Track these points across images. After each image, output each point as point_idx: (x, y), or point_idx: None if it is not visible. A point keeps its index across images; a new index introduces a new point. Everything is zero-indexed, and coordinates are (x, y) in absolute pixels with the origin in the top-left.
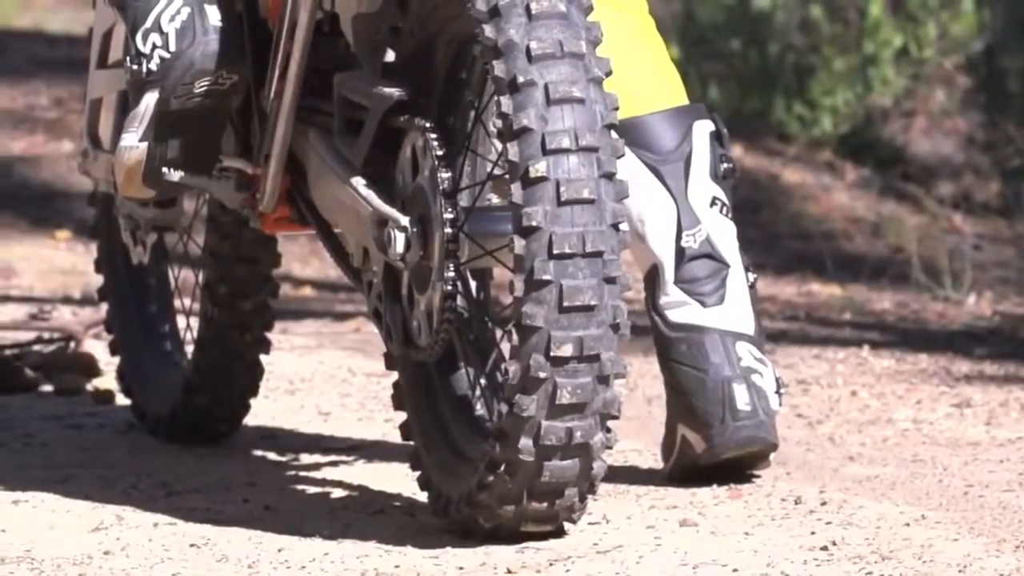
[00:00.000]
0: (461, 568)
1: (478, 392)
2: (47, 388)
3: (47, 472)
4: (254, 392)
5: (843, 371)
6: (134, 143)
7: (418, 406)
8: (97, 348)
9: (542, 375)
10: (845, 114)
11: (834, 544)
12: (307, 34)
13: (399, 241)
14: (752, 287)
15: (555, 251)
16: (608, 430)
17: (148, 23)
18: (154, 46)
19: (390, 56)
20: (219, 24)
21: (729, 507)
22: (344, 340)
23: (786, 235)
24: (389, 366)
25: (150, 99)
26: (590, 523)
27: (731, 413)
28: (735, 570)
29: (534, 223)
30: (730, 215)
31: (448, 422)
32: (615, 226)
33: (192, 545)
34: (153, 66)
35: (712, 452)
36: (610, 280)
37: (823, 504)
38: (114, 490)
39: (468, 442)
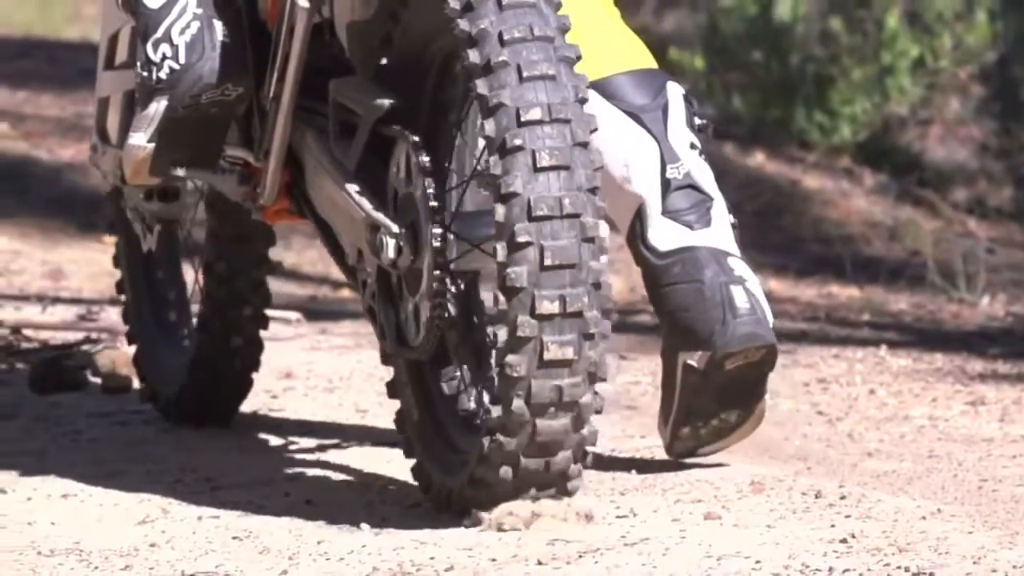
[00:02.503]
0: (494, 560)
1: (468, 389)
2: (95, 386)
3: (95, 467)
4: (255, 367)
5: (861, 370)
6: (143, 143)
7: (412, 399)
8: None
9: (528, 334)
10: (863, 122)
11: (853, 536)
12: (304, 39)
13: (390, 247)
14: (734, 227)
15: (534, 214)
16: (597, 393)
17: (159, 33)
18: (164, 56)
19: (383, 63)
20: (225, 39)
21: (752, 501)
22: (374, 339)
23: (807, 239)
24: (384, 361)
25: (159, 105)
26: (618, 516)
27: (731, 311)
28: (758, 562)
29: (512, 189)
30: (707, 163)
31: (441, 415)
32: (592, 191)
33: (235, 538)
34: (163, 75)
35: (715, 355)
36: (588, 240)
37: (842, 498)
38: (159, 485)
39: (461, 436)
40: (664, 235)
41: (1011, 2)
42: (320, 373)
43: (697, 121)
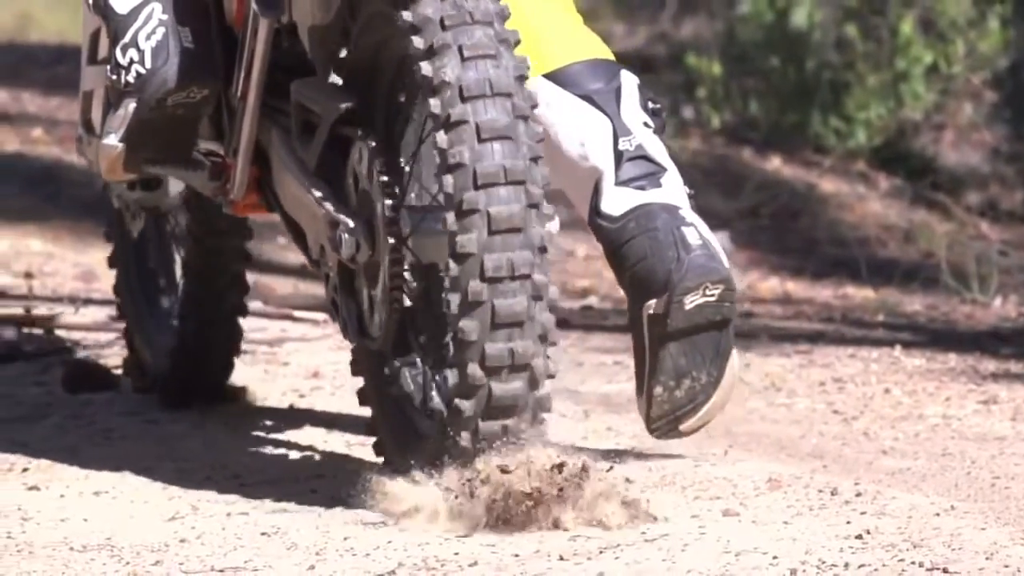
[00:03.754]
0: (516, 555)
1: (427, 376)
2: (126, 386)
3: (126, 465)
4: (236, 352)
5: (876, 370)
6: (115, 142)
7: (375, 381)
8: None
9: (479, 298)
10: (878, 127)
11: (868, 533)
12: (266, 43)
13: (348, 243)
14: (690, 197)
15: (480, 182)
16: (549, 356)
17: (127, 38)
18: (132, 60)
19: (342, 66)
20: (189, 45)
21: (769, 498)
22: None
23: (823, 241)
24: (354, 349)
25: (128, 106)
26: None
27: (684, 249)
28: (775, 557)
29: (458, 160)
30: (662, 141)
31: (403, 401)
32: (534, 160)
33: (263, 533)
34: (131, 79)
35: (675, 293)
36: (534, 205)
37: (858, 495)
38: (189, 482)
39: (421, 419)
40: (618, 201)
41: (1023, 10)
42: (347, 373)
43: (652, 106)
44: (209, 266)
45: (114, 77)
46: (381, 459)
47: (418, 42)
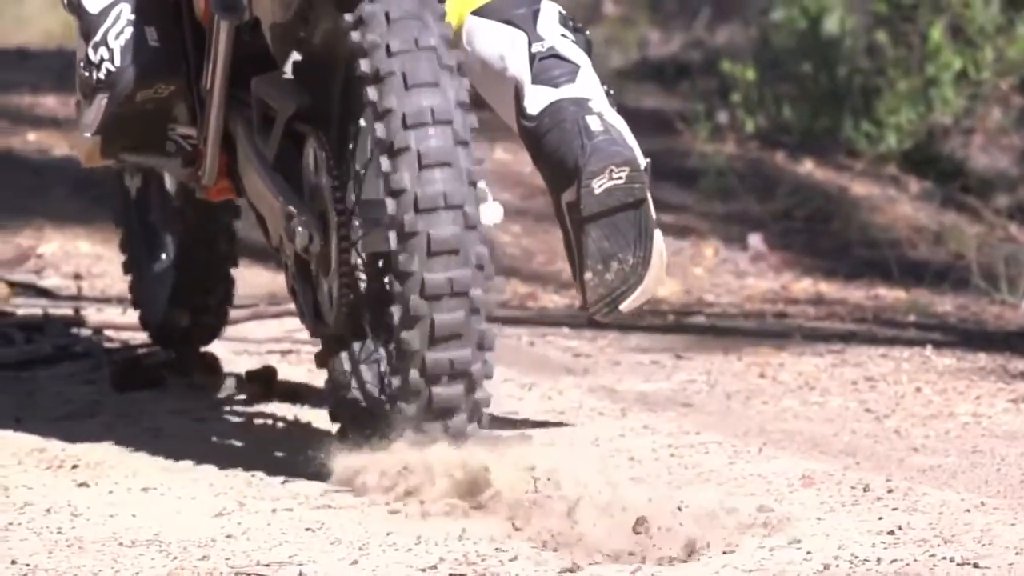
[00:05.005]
0: (556, 550)
1: (380, 360)
2: (174, 384)
3: (174, 462)
4: (229, 301)
5: (908, 369)
6: (90, 134)
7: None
8: (218, 347)
9: (420, 313)
10: (909, 131)
11: (900, 528)
12: (227, 41)
13: (302, 235)
14: (610, 94)
15: (409, 122)
16: (486, 361)
17: (98, 37)
18: (102, 58)
19: (299, 63)
20: (155, 43)
21: (803, 494)
22: None
23: (855, 243)
24: (312, 334)
25: (101, 101)
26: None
27: (587, 136)
28: (808, 552)
29: (388, 106)
30: (586, 53)
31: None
32: (472, 184)
33: (307, 529)
34: (102, 75)
35: (582, 180)
36: (471, 227)
37: (890, 491)
38: (235, 479)
39: (376, 403)
40: (534, 100)
41: None
42: None
43: (573, 24)
44: (201, 217)
45: (86, 74)
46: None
47: (350, 18)
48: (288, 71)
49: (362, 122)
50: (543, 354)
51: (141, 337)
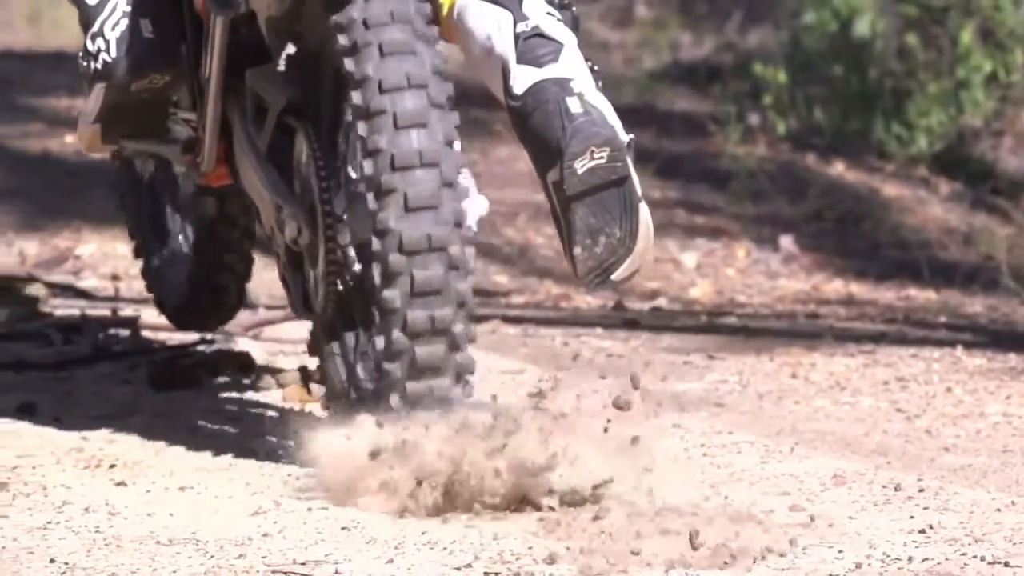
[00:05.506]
0: (589, 548)
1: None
2: (210, 384)
3: (211, 461)
4: (247, 278)
5: (939, 369)
6: (89, 122)
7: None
8: (254, 348)
9: (399, 269)
10: (939, 134)
11: (931, 527)
12: (222, 34)
13: (291, 227)
14: (594, 70)
15: (385, 87)
16: (468, 324)
17: (96, 27)
18: (99, 49)
19: (292, 57)
20: (150, 35)
21: (834, 493)
22: (481, 341)
23: (886, 244)
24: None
25: (99, 91)
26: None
27: (567, 118)
28: (840, 551)
29: (378, 146)
30: (573, 32)
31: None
32: (449, 144)
33: (343, 528)
34: (99, 66)
35: (564, 160)
36: (448, 184)
37: (921, 491)
38: (272, 478)
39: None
40: (519, 79)
41: None
42: None
43: (560, 1)
44: (220, 196)
45: (84, 64)
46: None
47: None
48: (282, 64)
49: (348, 115)
50: (577, 354)
51: (179, 337)
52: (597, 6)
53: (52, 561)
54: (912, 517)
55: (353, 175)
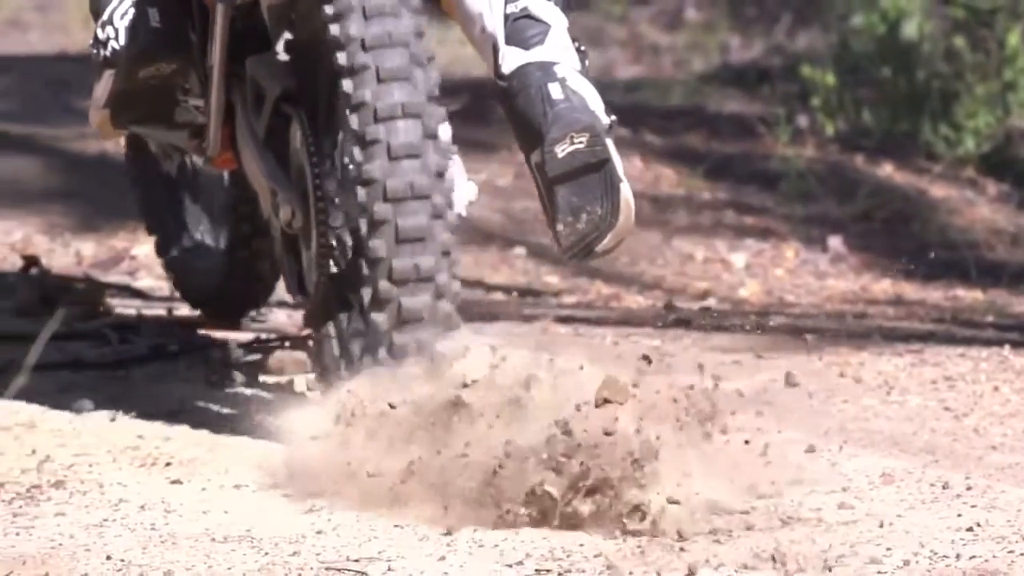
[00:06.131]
0: (639, 547)
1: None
2: (264, 384)
3: (265, 459)
4: (277, 276)
5: (986, 368)
6: (100, 107)
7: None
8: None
9: (383, 217)
10: (986, 135)
11: (979, 525)
12: (223, 25)
13: (285, 211)
14: (580, 50)
15: (379, 116)
16: (454, 275)
17: (106, 16)
18: (109, 37)
19: (291, 46)
20: (157, 25)
21: (883, 491)
22: (531, 340)
23: (933, 245)
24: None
25: (108, 77)
26: (754, 507)
27: (548, 104)
28: (888, 549)
29: (361, 100)
30: (563, 12)
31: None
32: (430, 99)
33: (396, 525)
34: (108, 54)
35: (545, 145)
36: (431, 136)
37: (968, 489)
38: (325, 476)
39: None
40: (507, 60)
41: None
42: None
43: None
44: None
45: (95, 52)
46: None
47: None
48: (281, 52)
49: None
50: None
51: (234, 336)
52: (647, 9)
53: (108, 558)
54: (960, 515)
55: (346, 159)
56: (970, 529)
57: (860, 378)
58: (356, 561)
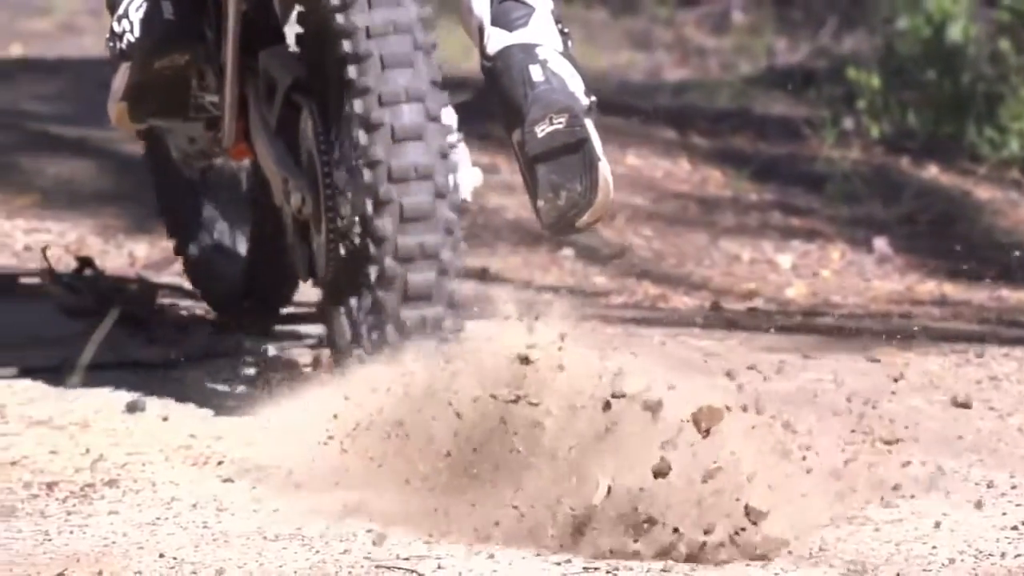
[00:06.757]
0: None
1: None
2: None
3: (316, 457)
4: (306, 278)
5: None
6: (117, 99)
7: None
8: None
9: (388, 197)
10: None
11: None
12: (235, 19)
13: (296, 197)
14: (564, 32)
15: (384, 101)
16: (457, 252)
17: (121, 10)
18: (124, 30)
19: (300, 37)
20: (171, 17)
21: (928, 490)
22: (583, 340)
23: (978, 246)
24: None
25: (124, 70)
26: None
27: (529, 86)
28: (934, 547)
29: (365, 84)
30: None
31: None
32: (433, 82)
33: (445, 525)
34: (124, 46)
35: (525, 125)
36: (433, 119)
37: (1013, 487)
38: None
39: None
40: (492, 41)
41: None
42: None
43: None
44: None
45: (111, 45)
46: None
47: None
48: (291, 43)
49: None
50: (677, 354)
51: (285, 337)
52: (694, 12)
53: (161, 556)
54: (1005, 514)
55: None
56: (1015, 528)
57: (905, 378)
58: (406, 559)
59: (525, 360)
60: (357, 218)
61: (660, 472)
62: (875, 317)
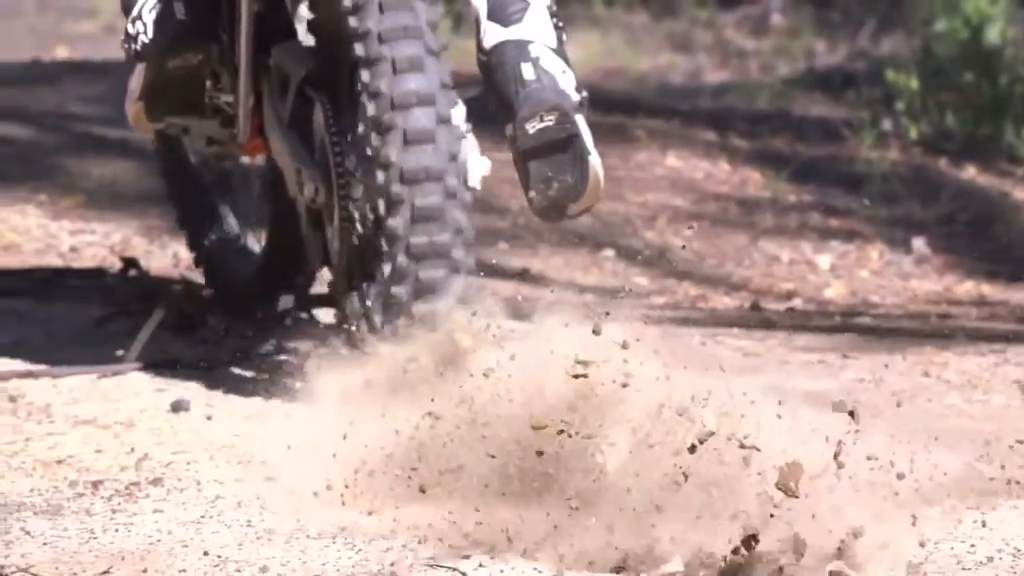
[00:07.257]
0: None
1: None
2: None
3: (360, 460)
4: (319, 266)
5: None
6: (135, 99)
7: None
8: None
9: (400, 197)
10: None
11: None
12: (248, 19)
13: (309, 188)
14: (558, 27)
15: (396, 104)
16: (468, 251)
17: (135, 12)
18: (138, 32)
19: (313, 32)
20: (183, 18)
21: (965, 489)
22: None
23: (1016, 246)
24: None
25: (140, 70)
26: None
27: (521, 84)
28: (972, 546)
29: (376, 89)
30: None
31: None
32: (444, 85)
33: (481, 523)
34: (138, 47)
35: (516, 122)
36: (444, 121)
37: None
38: (418, 476)
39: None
40: (488, 35)
41: None
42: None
43: None
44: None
45: (126, 46)
46: None
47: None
48: (303, 39)
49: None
50: (714, 354)
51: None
52: (733, 14)
53: (205, 554)
54: None
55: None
56: None
57: (944, 377)
58: (448, 559)
59: (581, 375)
60: (371, 216)
61: (747, 544)
62: (913, 317)
